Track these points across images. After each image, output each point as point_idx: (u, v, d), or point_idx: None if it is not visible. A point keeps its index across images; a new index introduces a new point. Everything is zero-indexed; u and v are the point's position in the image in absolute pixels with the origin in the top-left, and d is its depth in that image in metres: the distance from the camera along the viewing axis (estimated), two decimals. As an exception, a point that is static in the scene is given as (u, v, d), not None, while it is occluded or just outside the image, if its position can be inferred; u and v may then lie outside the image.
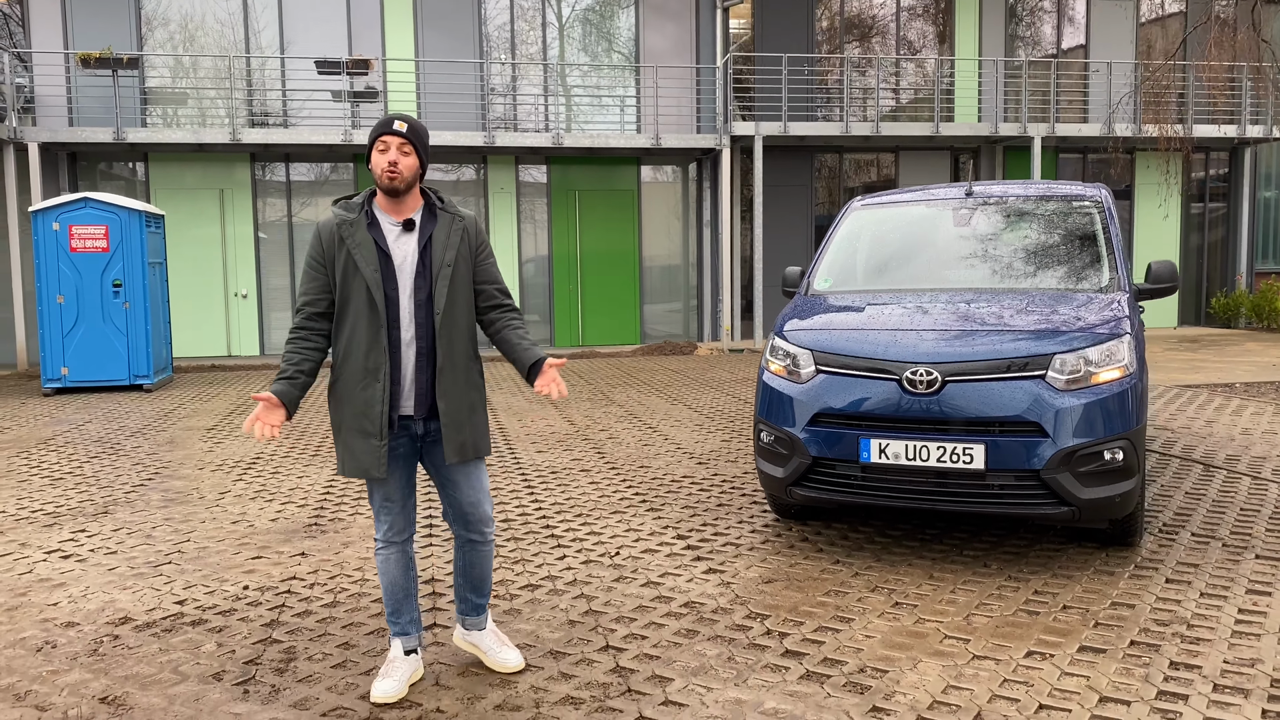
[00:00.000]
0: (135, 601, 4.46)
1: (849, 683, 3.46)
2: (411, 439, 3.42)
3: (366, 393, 3.30)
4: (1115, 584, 4.41)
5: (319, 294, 3.35)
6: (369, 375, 3.29)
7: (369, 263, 3.28)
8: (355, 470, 3.34)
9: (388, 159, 3.25)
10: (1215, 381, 11.06)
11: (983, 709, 3.25)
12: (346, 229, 3.31)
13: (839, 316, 5.17)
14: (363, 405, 3.30)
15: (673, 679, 3.52)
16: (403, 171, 3.26)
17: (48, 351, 11.89)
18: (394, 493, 3.44)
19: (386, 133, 3.26)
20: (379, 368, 3.29)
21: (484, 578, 3.63)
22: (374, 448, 3.30)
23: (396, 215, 3.35)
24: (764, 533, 5.37)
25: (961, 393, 4.48)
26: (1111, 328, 4.68)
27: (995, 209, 5.82)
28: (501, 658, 3.61)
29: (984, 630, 3.92)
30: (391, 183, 3.26)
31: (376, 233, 3.33)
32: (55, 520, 5.93)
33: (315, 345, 3.37)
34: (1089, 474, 4.41)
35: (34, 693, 3.51)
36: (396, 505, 3.45)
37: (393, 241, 3.33)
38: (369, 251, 3.28)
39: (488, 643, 3.65)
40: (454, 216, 3.42)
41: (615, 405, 10.30)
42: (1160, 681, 3.42)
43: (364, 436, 3.31)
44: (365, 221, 3.32)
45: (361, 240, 3.29)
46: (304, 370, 3.34)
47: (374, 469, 3.32)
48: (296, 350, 3.35)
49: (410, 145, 3.28)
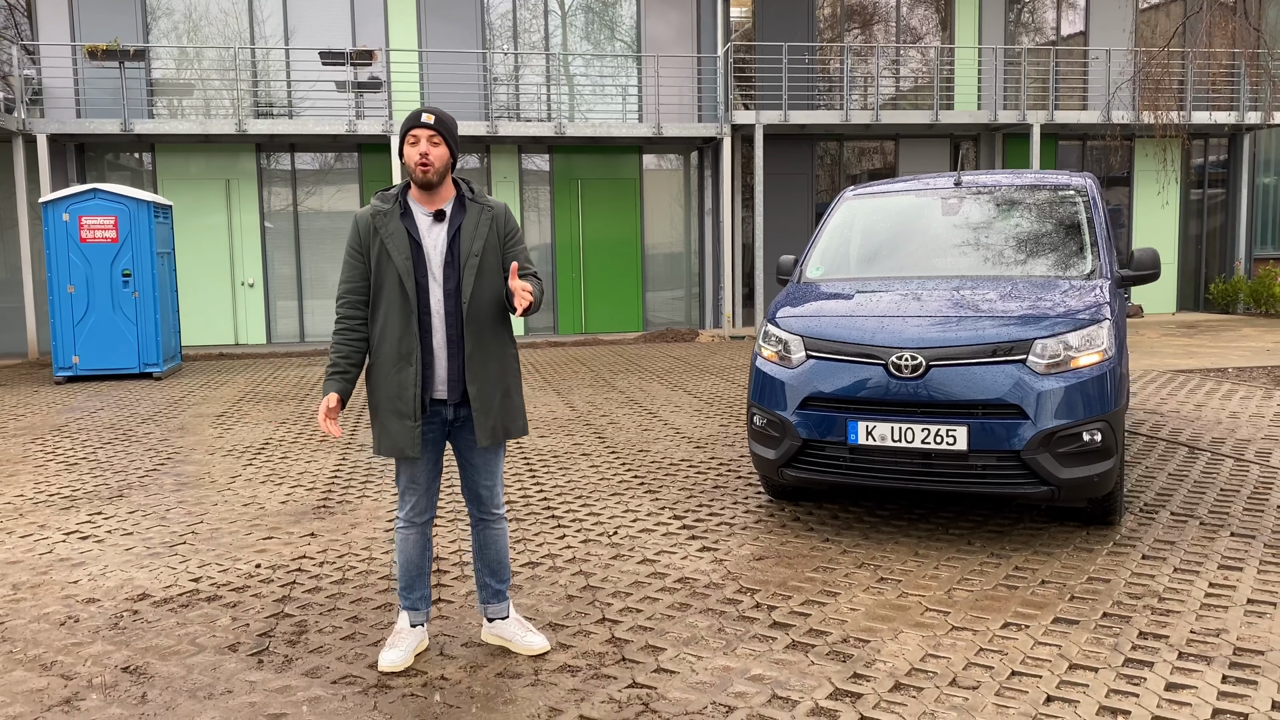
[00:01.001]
0: (152, 579, 4.66)
1: (832, 652, 3.65)
2: (442, 423, 3.59)
3: (400, 376, 3.47)
4: (1093, 560, 4.59)
5: (359, 280, 3.53)
6: (402, 360, 3.47)
7: (400, 252, 3.45)
8: (390, 450, 3.52)
9: (419, 151, 3.41)
10: (1208, 366, 11.21)
11: (958, 675, 3.43)
12: (381, 219, 3.48)
13: (829, 304, 5.34)
14: (397, 388, 3.48)
15: (665, 649, 3.71)
16: (434, 163, 3.42)
17: (59, 340, 12.10)
18: (420, 475, 3.61)
19: (416, 126, 3.42)
20: (411, 352, 3.46)
21: (501, 560, 3.78)
22: (409, 429, 3.48)
23: (429, 206, 3.52)
24: (757, 513, 5.56)
25: (945, 376, 4.65)
26: (1092, 313, 4.85)
27: (983, 198, 5.98)
28: (527, 642, 3.73)
29: (964, 603, 4.10)
30: (425, 175, 3.42)
31: (410, 223, 3.49)
32: (72, 503, 6.13)
33: (360, 335, 3.55)
34: (1068, 454, 4.58)
35: (59, 663, 3.71)
36: (421, 487, 3.63)
37: (425, 231, 3.50)
38: (401, 241, 3.46)
39: (512, 630, 3.77)
40: (483, 206, 3.56)
41: (616, 391, 10.48)
42: (1128, 650, 3.60)
43: (399, 418, 3.49)
44: (399, 212, 3.50)
45: (395, 230, 3.47)
46: (353, 362, 3.55)
47: (409, 449, 3.49)
48: (345, 343, 3.54)
49: (440, 136, 3.43)
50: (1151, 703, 3.19)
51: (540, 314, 17.33)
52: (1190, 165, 19.13)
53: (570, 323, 17.39)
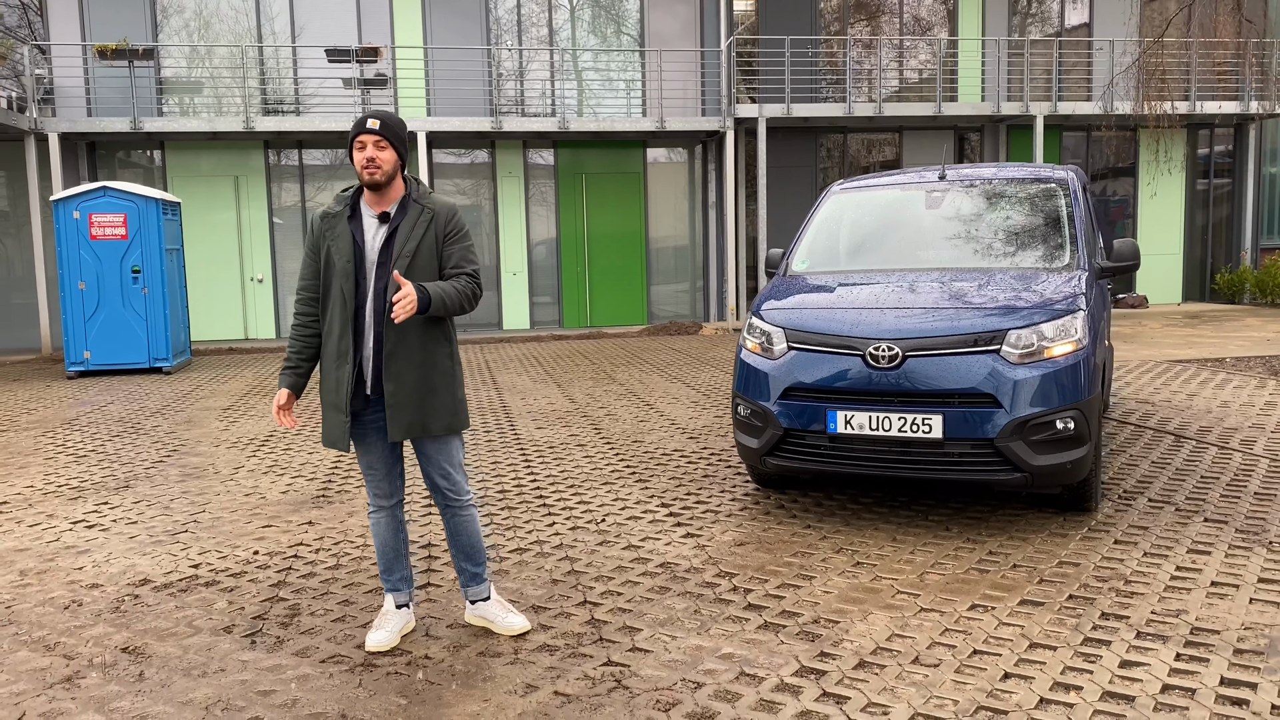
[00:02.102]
0: (154, 565, 4.82)
1: (802, 632, 3.78)
2: (376, 417, 3.71)
3: (339, 373, 3.63)
4: (1066, 545, 4.71)
5: (311, 279, 3.71)
6: (340, 357, 3.63)
7: (342, 254, 3.60)
8: (327, 441, 3.69)
9: (365, 155, 3.54)
10: (1206, 356, 11.26)
11: (921, 654, 3.56)
12: (329, 221, 3.64)
13: (811, 296, 5.46)
14: (334, 384, 3.65)
15: (641, 629, 3.85)
16: (382, 165, 3.56)
17: (70, 336, 12.32)
18: (375, 463, 3.77)
19: (362, 132, 3.55)
20: (347, 351, 3.61)
21: (474, 545, 3.91)
22: (340, 423, 3.64)
23: (376, 208, 3.65)
24: (743, 501, 5.69)
25: (921, 367, 4.77)
26: (1068, 303, 4.96)
27: (966, 192, 6.09)
28: (508, 623, 3.88)
29: (935, 586, 4.23)
30: (372, 177, 3.56)
31: (356, 225, 3.64)
32: (80, 494, 6.31)
33: (313, 331, 3.72)
34: (1041, 442, 4.70)
35: (62, 644, 3.88)
36: (379, 474, 3.78)
37: (369, 233, 3.64)
38: (345, 243, 3.60)
39: (493, 612, 3.92)
40: (423, 208, 3.66)
41: (616, 384, 10.63)
42: (1088, 630, 3.72)
43: (335, 411, 3.65)
44: (347, 214, 3.64)
45: (340, 232, 3.62)
46: (305, 358, 3.73)
47: (339, 442, 3.65)
48: (297, 339, 3.72)
49: (385, 140, 3.56)
50: (1104, 679, 3.31)
51: (545, 307, 17.48)
52: (1196, 155, 19.12)
53: (575, 316, 17.53)
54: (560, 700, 3.28)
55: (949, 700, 3.20)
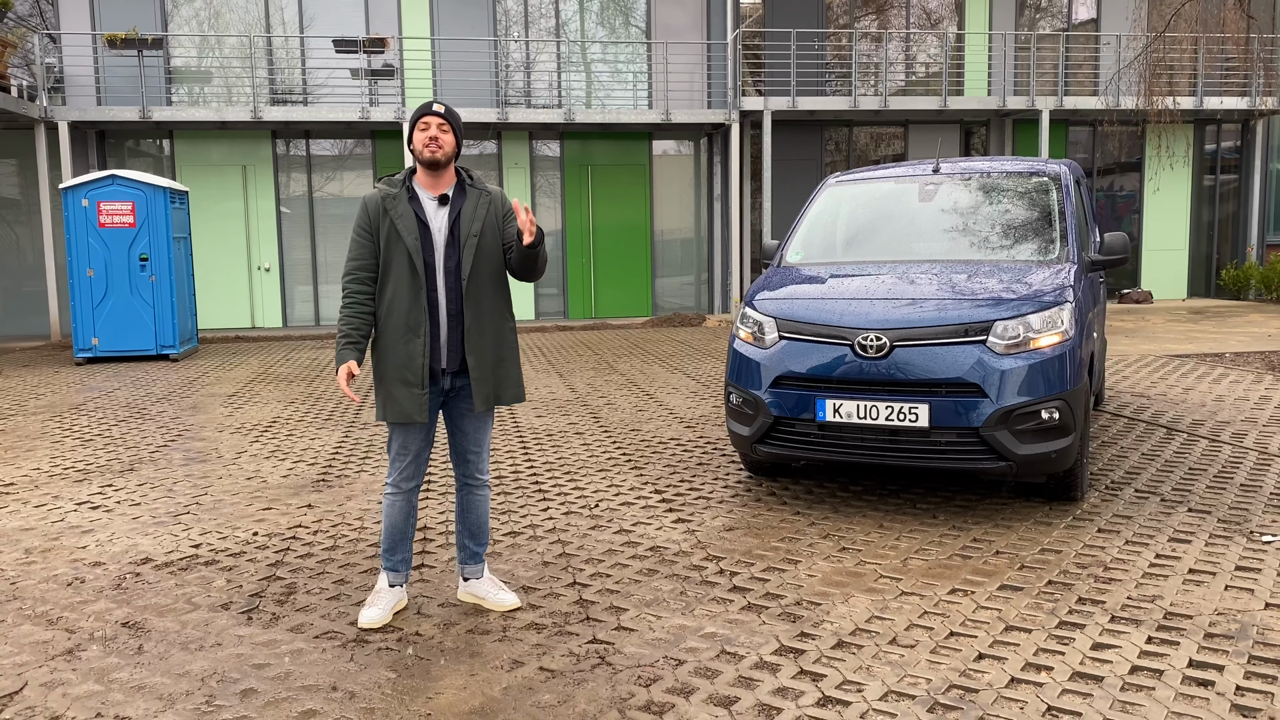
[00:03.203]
0: (155, 545, 4.94)
1: (784, 613, 3.87)
2: (440, 392, 3.86)
3: (409, 347, 3.74)
4: (1049, 533, 4.78)
5: (368, 258, 3.80)
6: (410, 332, 3.74)
7: (410, 231, 3.73)
8: (397, 415, 3.78)
9: (429, 135, 3.70)
10: (1206, 351, 11.30)
11: (898, 635, 3.64)
12: (390, 202, 3.76)
13: (803, 287, 5.54)
14: (405, 358, 3.75)
15: (627, 609, 3.94)
16: (443, 146, 3.72)
17: (79, 323, 12.46)
18: (412, 443, 3.87)
19: (427, 114, 3.73)
20: (419, 325, 3.74)
21: (481, 525, 4.05)
22: (416, 395, 3.75)
23: (433, 190, 3.80)
24: (735, 488, 5.78)
25: (908, 356, 4.85)
26: (1055, 295, 5.03)
27: (959, 185, 6.15)
28: (499, 599, 4.02)
29: (917, 571, 4.31)
30: (434, 155, 3.71)
31: (417, 206, 3.78)
32: (85, 476, 6.43)
33: (369, 309, 3.81)
34: (1026, 431, 4.77)
35: (65, 618, 3.99)
36: (411, 454, 3.88)
37: (431, 214, 3.79)
38: (410, 222, 3.74)
39: (485, 589, 4.06)
40: (481, 191, 3.86)
41: (617, 374, 10.72)
42: (1064, 614, 3.80)
43: (406, 386, 3.75)
44: (406, 196, 3.78)
45: (404, 212, 3.75)
46: (364, 335, 3.82)
47: (416, 414, 3.76)
48: (355, 315, 3.79)
49: (448, 125, 3.75)
50: (1075, 660, 3.39)
51: (550, 299, 17.58)
52: (1203, 151, 19.10)
53: (580, 308, 17.62)
54: (545, 675, 3.38)
55: (922, 679, 3.28)
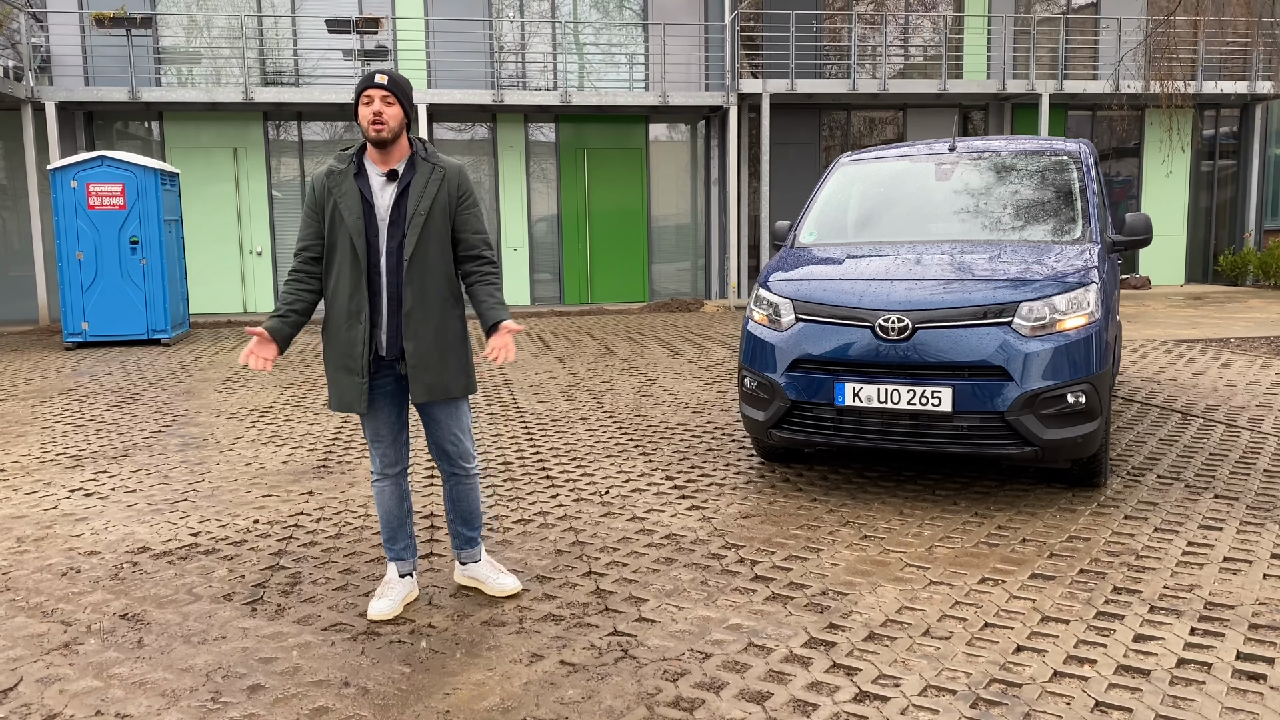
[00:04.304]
0: (153, 533, 4.77)
1: (810, 604, 3.73)
2: (396, 378, 3.68)
3: (350, 333, 3.55)
4: (1075, 520, 4.66)
5: (313, 239, 3.61)
6: (351, 317, 3.55)
7: (352, 211, 3.52)
8: (340, 405, 3.61)
9: (372, 110, 3.47)
10: (1210, 336, 11.20)
11: (931, 627, 3.51)
12: (335, 179, 3.55)
13: (819, 268, 5.39)
14: (346, 345, 3.57)
15: (648, 599, 3.80)
16: (388, 122, 3.47)
17: (68, 307, 12.23)
18: (382, 429, 3.70)
19: (370, 87, 3.47)
20: (360, 310, 3.54)
21: (472, 511, 3.90)
22: (356, 385, 3.57)
23: (383, 166, 3.57)
24: (748, 474, 5.64)
25: (931, 339, 4.71)
26: (1080, 276, 4.88)
27: (977, 164, 6.00)
28: (499, 583, 3.88)
29: (944, 560, 4.18)
30: (379, 134, 3.48)
31: (363, 183, 3.56)
32: (78, 463, 6.25)
33: (309, 287, 3.63)
34: (1051, 416, 4.64)
35: (60, 610, 3.82)
36: (386, 441, 3.72)
37: (377, 191, 3.56)
38: (353, 201, 3.52)
39: (484, 573, 3.92)
40: (434, 166, 3.60)
41: (618, 359, 10.56)
42: (1101, 604, 3.67)
43: (348, 374, 3.58)
44: (353, 172, 3.56)
45: (347, 190, 3.53)
46: (295, 309, 3.60)
47: (356, 404, 3.58)
48: (290, 291, 3.62)
49: (393, 96, 3.49)
50: (1119, 652, 3.26)
51: (546, 284, 17.38)
52: (1201, 136, 18.98)
53: (576, 293, 17.44)
54: (566, 670, 3.23)
55: (961, 673, 3.15)
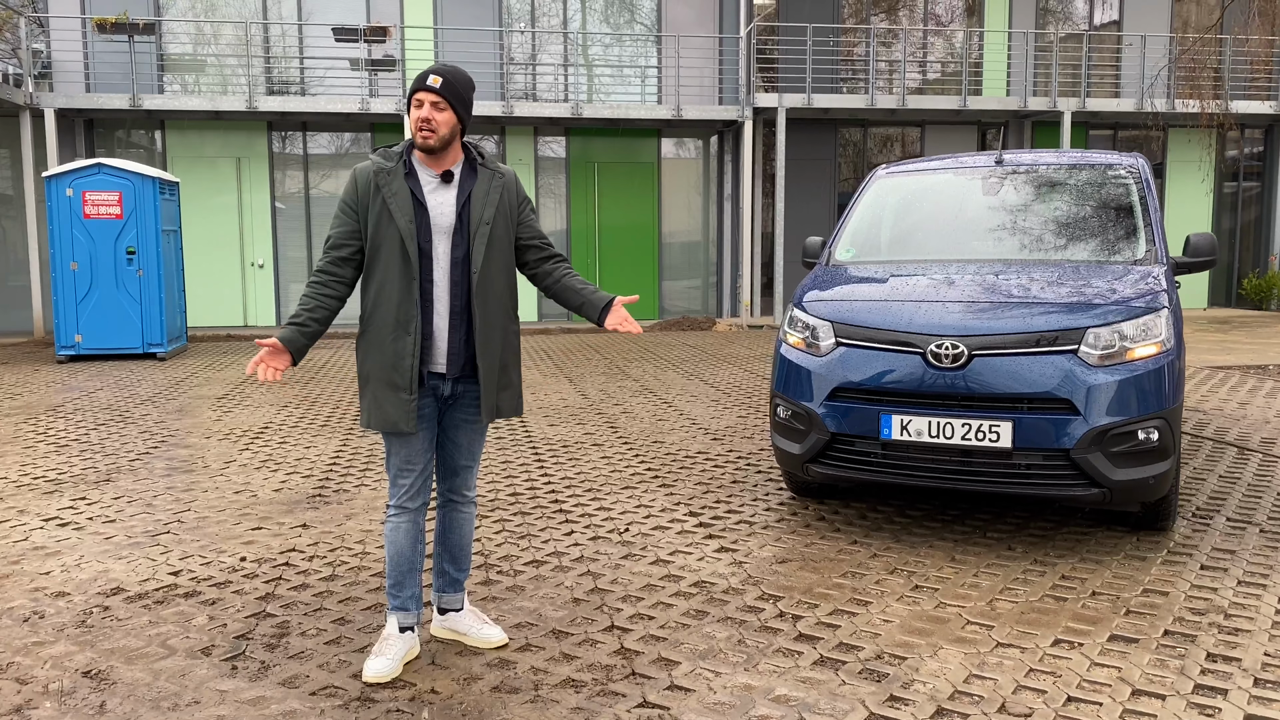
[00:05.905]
0: (129, 571, 4.33)
1: (865, 670, 3.28)
2: (437, 399, 3.31)
3: (397, 345, 3.18)
4: (1147, 570, 4.21)
5: (347, 238, 3.23)
6: (400, 327, 3.17)
7: (404, 213, 3.15)
8: (382, 423, 3.21)
9: (421, 116, 3.12)
10: (1247, 363, 10.76)
11: (1007, 700, 3.06)
12: (383, 177, 3.19)
13: (861, 288, 4.96)
14: (393, 358, 3.18)
15: (679, 662, 3.35)
16: (437, 129, 3.13)
17: (61, 319, 11.82)
18: (415, 455, 3.30)
19: (421, 89, 3.14)
20: (410, 320, 3.17)
21: (463, 546, 3.53)
22: (403, 402, 3.18)
23: (435, 168, 3.23)
24: (779, 511, 5.19)
25: (989, 367, 4.27)
26: (1148, 301, 4.45)
27: (1026, 178, 5.58)
28: (484, 635, 3.50)
29: (1008, 616, 3.73)
30: (425, 142, 3.14)
31: (414, 183, 3.20)
32: (56, 487, 5.82)
33: (335, 294, 3.24)
34: (1122, 454, 4.20)
35: (16, 664, 3.39)
36: (417, 468, 3.32)
37: (429, 193, 3.21)
38: (405, 202, 3.16)
39: (467, 623, 3.53)
40: (494, 173, 3.30)
41: (630, 379, 10.13)
42: (1197, 674, 3.22)
43: (393, 390, 3.19)
44: (403, 171, 3.20)
45: (398, 190, 3.17)
46: (317, 319, 3.22)
47: (403, 423, 3.19)
48: (315, 296, 3.22)
49: (444, 101, 3.14)
50: (1230, 738, 2.82)
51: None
52: (1225, 157, 18.58)
53: (585, 309, 16.99)
54: (590, 751, 2.79)
55: (1051, 762, 2.70)
